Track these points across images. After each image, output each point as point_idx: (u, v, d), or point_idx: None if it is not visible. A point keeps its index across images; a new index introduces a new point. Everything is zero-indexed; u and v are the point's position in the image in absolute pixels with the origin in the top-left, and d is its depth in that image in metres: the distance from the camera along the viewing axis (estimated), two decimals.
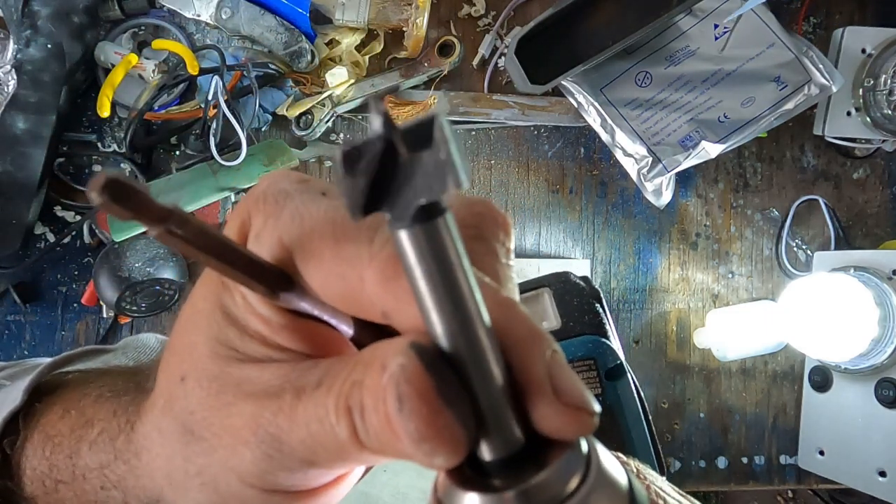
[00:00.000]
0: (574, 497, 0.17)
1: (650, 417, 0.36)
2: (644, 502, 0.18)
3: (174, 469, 0.21)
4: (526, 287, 0.39)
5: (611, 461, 0.18)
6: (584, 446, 0.18)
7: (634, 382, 0.36)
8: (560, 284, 0.36)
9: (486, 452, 0.18)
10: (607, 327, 0.36)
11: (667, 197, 0.71)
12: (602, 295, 0.38)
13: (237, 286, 0.20)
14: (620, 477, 0.18)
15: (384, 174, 0.15)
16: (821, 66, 0.67)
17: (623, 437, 0.24)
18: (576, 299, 0.35)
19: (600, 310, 0.36)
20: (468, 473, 0.18)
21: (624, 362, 0.35)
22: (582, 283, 0.37)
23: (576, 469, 0.17)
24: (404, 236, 0.16)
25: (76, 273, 0.72)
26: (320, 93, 0.70)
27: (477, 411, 0.17)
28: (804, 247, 0.76)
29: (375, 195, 0.15)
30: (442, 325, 0.17)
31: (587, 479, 0.17)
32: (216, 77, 0.64)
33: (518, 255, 0.74)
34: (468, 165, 0.16)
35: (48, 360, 0.31)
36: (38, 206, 0.69)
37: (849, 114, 0.72)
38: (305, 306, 0.20)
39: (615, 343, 0.36)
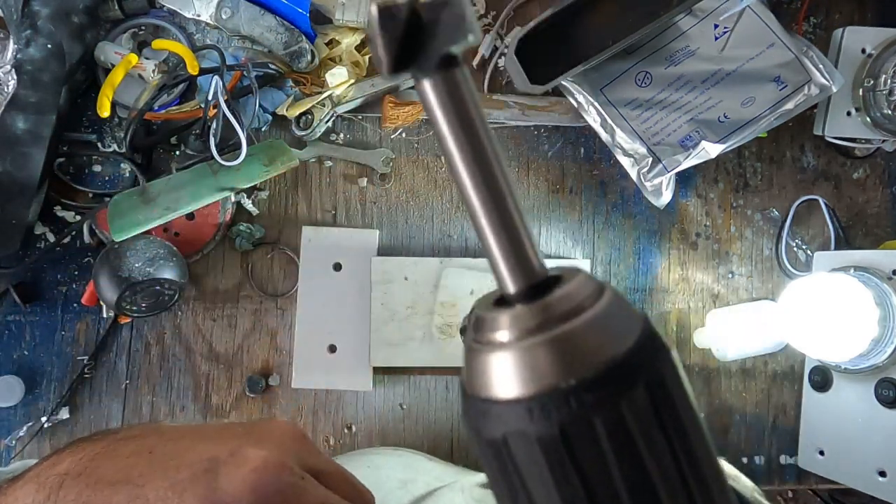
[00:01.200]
0: (591, 309, 0.18)
1: None
2: (656, 331, 0.19)
3: None
4: None
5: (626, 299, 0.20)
6: (598, 280, 0.20)
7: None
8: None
9: (511, 286, 0.21)
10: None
11: (667, 197, 0.71)
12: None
13: None
14: (634, 307, 0.20)
15: (410, 34, 0.18)
16: (821, 66, 0.67)
17: None
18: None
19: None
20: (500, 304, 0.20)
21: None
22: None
23: (591, 289, 0.19)
24: (428, 85, 0.19)
25: (76, 273, 0.72)
26: (320, 93, 0.70)
27: (500, 239, 0.20)
28: (804, 247, 0.76)
29: (402, 53, 0.18)
30: (464, 163, 0.19)
31: (603, 296, 0.19)
32: (216, 77, 0.64)
33: None
34: (477, 24, 0.21)
35: None
36: (38, 206, 0.69)
37: (849, 114, 0.72)
38: None
39: None
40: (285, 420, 0.38)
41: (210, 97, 0.64)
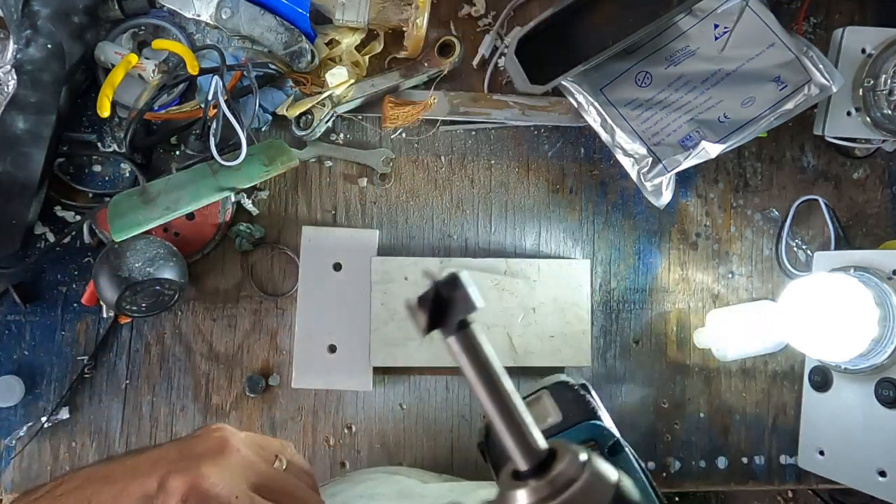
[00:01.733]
0: (579, 481, 0.28)
1: (654, 484, 0.39)
2: (629, 490, 0.28)
3: None
4: (527, 392, 0.46)
5: (606, 465, 0.29)
6: (583, 455, 0.29)
7: (633, 454, 0.43)
8: (555, 385, 0.46)
9: (521, 465, 0.29)
10: (599, 412, 0.44)
11: (667, 197, 0.71)
12: (589, 386, 0.43)
13: None
14: (612, 472, 0.29)
15: (437, 309, 0.29)
16: (821, 66, 0.67)
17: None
18: (569, 394, 0.44)
19: (590, 398, 0.44)
20: (516, 480, 0.29)
21: (620, 438, 0.43)
22: (572, 380, 0.45)
23: (580, 463, 0.28)
24: (452, 341, 0.30)
25: (76, 273, 0.72)
26: (320, 93, 0.70)
27: (513, 436, 0.29)
28: (804, 247, 0.76)
29: (432, 322, 0.29)
30: (482, 389, 0.30)
31: (587, 467, 0.28)
32: (216, 77, 0.64)
33: (518, 255, 0.74)
34: (480, 295, 0.30)
35: None
36: (38, 206, 0.69)
37: (849, 114, 0.72)
38: None
39: (608, 423, 0.44)
40: (219, 434, 0.37)
41: (210, 97, 0.64)
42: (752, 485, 0.74)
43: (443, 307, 0.29)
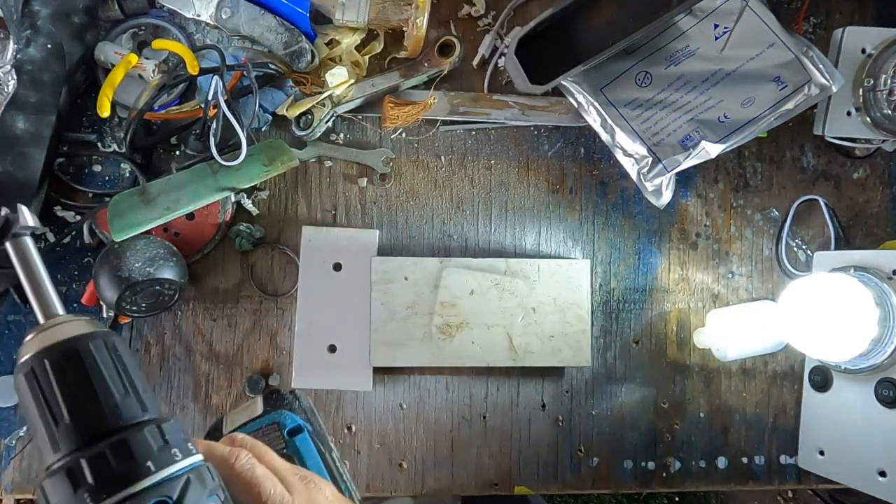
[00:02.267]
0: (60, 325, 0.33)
1: (330, 459, 0.51)
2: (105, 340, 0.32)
3: None
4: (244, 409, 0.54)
5: (80, 320, 0.34)
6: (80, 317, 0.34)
7: (314, 437, 0.51)
8: (268, 393, 0.56)
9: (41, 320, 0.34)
10: (291, 405, 0.53)
11: (667, 197, 0.71)
12: (299, 393, 0.54)
13: None
14: (83, 327, 0.33)
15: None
16: (821, 66, 0.67)
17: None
18: (276, 397, 0.54)
19: (291, 400, 0.53)
20: None
21: (303, 424, 0.51)
22: (284, 390, 0.54)
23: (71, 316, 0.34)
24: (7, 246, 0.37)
25: (76, 273, 0.72)
26: (320, 93, 0.70)
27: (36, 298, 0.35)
28: (804, 247, 0.76)
29: None
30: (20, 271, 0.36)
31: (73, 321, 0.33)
32: (216, 77, 0.64)
33: (518, 255, 0.74)
34: (30, 217, 0.37)
35: None
36: (38, 206, 0.69)
37: (849, 114, 0.72)
38: None
39: (306, 415, 0.52)
40: None
41: (210, 97, 0.64)
42: (752, 485, 0.74)
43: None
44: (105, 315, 0.71)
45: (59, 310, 0.35)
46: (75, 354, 0.31)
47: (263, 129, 0.73)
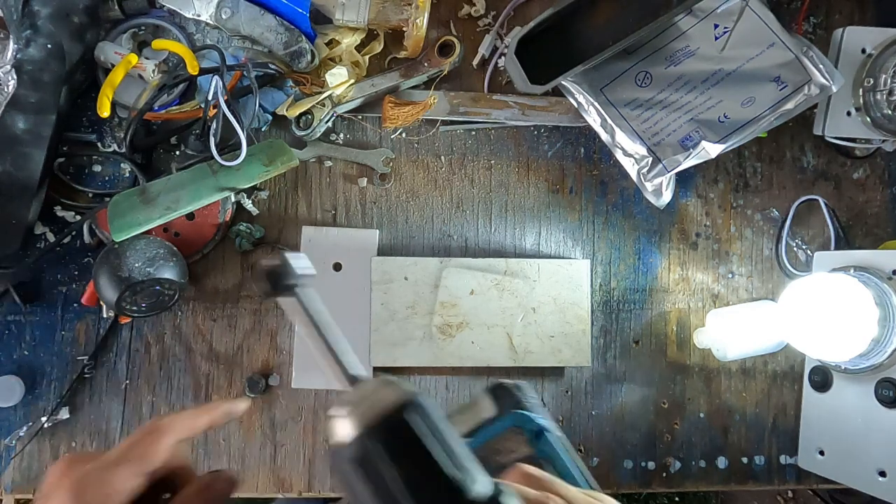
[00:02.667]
0: (373, 384, 0.31)
1: (579, 463, 0.47)
2: (425, 402, 0.30)
3: None
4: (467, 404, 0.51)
5: (404, 381, 0.31)
6: (388, 377, 0.31)
7: (559, 437, 0.48)
8: (492, 387, 0.50)
9: (344, 387, 0.32)
10: (527, 405, 0.50)
11: (667, 197, 0.71)
12: (524, 386, 0.50)
13: None
14: (408, 387, 0.31)
15: (273, 280, 0.37)
16: (821, 66, 0.67)
17: (563, 478, 0.41)
18: (504, 392, 0.50)
19: (521, 395, 0.50)
20: None
21: (544, 424, 0.47)
22: (508, 382, 0.50)
23: (383, 379, 0.31)
24: (284, 301, 0.38)
25: (76, 273, 0.72)
26: (320, 93, 0.70)
27: (334, 365, 0.34)
28: (804, 247, 0.76)
29: (272, 290, 0.37)
30: (311, 335, 0.38)
31: (385, 381, 0.31)
32: (216, 77, 0.64)
33: (518, 255, 0.74)
34: (307, 263, 0.38)
35: None
36: (38, 206, 0.69)
37: (849, 114, 0.72)
38: None
39: (541, 415, 0.49)
40: (52, 467, 0.38)
41: (210, 97, 0.64)
42: (752, 485, 0.74)
43: (278, 279, 0.36)
44: (105, 315, 0.71)
45: (361, 370, 0.33)
46: (404, 429, 0.28)
47: (263, 129, 0.73)
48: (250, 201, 0.73)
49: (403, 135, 0.75)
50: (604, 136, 0.71)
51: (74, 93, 0.70)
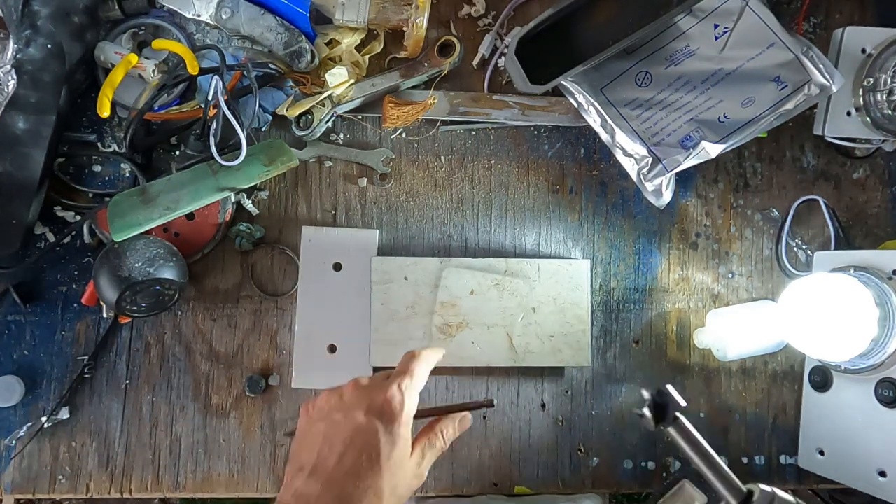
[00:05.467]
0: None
1: None
2: None
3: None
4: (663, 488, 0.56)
5: (787, 496, 0.52)
6: (768, 489, 0.50)
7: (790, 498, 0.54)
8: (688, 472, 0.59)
9: (732, 501, 0.50)
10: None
11: (667, 197, 0.71)
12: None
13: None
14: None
15: (658, 411, 0.52)
16: (821, 66, 0.67)
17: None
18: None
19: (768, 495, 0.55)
20: None
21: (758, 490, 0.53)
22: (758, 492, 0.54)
23: (770, 494, 0.51)
24: (671, 431, 0.52)
25: (76, 273, 0.72)
26: (320, 93, 0.70)
27: (722, 483, 0.51)
28: (804, 247, 0.76)
29: (657, 420, 0.52)
30: (697, 458, 0.51)
31: (776, 499, 0.52)
32: (216, 77, 0.64)
33: (518, 255, 0.74)
34: (681, 397, 0.49)
35: None
36: (38, 206, 0.69)
37: (849, 114, 0.72)
38: None
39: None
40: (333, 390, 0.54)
41: (210, 97, 0.64)
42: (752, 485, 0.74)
43: (661, 409, 0.51)
44: (105, 315, 0.71)
45: (742, 486, 0.46)
46: None
47: (263, 129, 0.73)
48: (250, 201, 0.73)
49: (403, 135, 0.75)
50: (604, 136, 0.71)
51: (74, 93, 0.70)
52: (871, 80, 0.70)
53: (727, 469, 0.46)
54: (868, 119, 0.72)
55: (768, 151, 0.77)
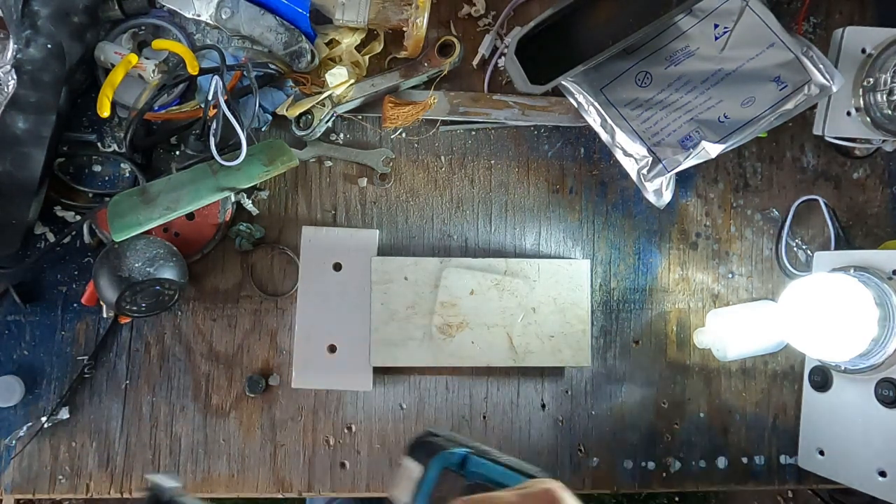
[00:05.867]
0: None
1: (508, 460, 0.51)
2: None
3: None
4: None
5: None
6: None
7: (479, 449, 0.51)
8: (410, 447, 0.54)
9: None
10: (439, 443, 0.53)
11: (667, 197, 0.71)
12: (435, 429, 0.54)
13: None
14: None
15: None
16: (821, 66, 0.67)
17: (500, 484, 0.47)
18: (420, 446, 0.53)
19: (435, 439, 0.53)
20: None
21: (462, 452, 0.50)
22: (421, 433, 0.54)
23: None
24: None
25: (76, 273, 0.72)
26: (320, 93, 0.70)
27: None
28: (804, 247, 0.76)
29: None
30: None
31: None
32: (216, 77, 0.64)
33: (518, 255, 0.74)
34: None
35: None
36: (38, 206, 0.69)
37: (849, 114, 0.72)
38: None
39: (453, 441, 0.52)
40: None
41: (210, 97, 0.64)
42: (752, 485, 0.74)
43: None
44: (105, 315, 0.71)
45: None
46: None
47: (263, 129, 0.73)
48: (250, 201, 0.73)
49: (403, 135, 0.75)
50: (604, 136, 0.71)
51: (74, 93, 0.70)
52: (871, 80, 0.70)
53: None
54: (868, 119, 0.72)
55: (768, 151, 0.77)
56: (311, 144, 0.73)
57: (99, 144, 0.72)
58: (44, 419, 0.69)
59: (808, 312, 0.65)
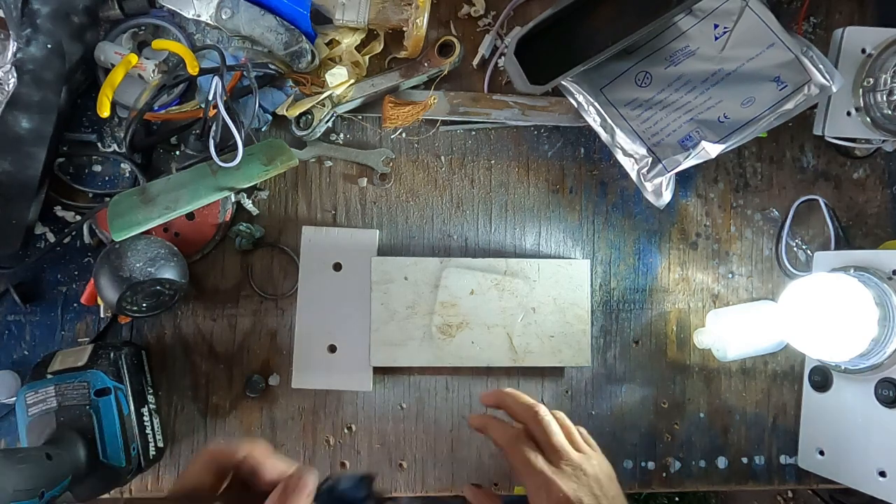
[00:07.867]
0: None
1: (134, 418, 0.59)
2: None
3: None
4: None
5: None
6: None
7: (125, 396, 0.59)
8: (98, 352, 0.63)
9: None
10: (113, 364, 0.61)
11: (667, 197, 0.71)
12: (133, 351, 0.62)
13: None
14: None
15: None
16: (821, 66, 0.67)
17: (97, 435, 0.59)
18: (101, 350, 0.60)
19: (113, 352, 0.62)
20: None
21: (114, 386, 0.57)
22: (108, 343, 0.61)
23: None
24: None
25: (76, 273, 0.72)
26: (320, 93, 0.70)
27: None
28: (804, 247, 0.76)
29: None
30: None
31: None
32: (216, 77, 0.64)
33: (518, 255, 0.74)
34: None
35: None
36: (38, 206, 0.69)
37: (849, 114, 0.72)
38: None
39: (116, 373, 0.60)
40: None
41: (210, 97, 0.64)
42: (752, 485, 0.74)
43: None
44: (104, 315, 0.71)
45: None
46: None
47: (263, 129, 0.73)
48: (250, 201, 0.73)
49: (403, 135, 0.75)
50: (604, 136, 0.71)
51: (74, 93, 0.70)
52: (871, 80, 0.70)
53: None
54: (868, 119, 0.72)
55: (768, 151, 0.77)
56: (311, 144, 0.73)
57: (99, 144, 0.72)
58: None
59: (808, 312, 0.65)
